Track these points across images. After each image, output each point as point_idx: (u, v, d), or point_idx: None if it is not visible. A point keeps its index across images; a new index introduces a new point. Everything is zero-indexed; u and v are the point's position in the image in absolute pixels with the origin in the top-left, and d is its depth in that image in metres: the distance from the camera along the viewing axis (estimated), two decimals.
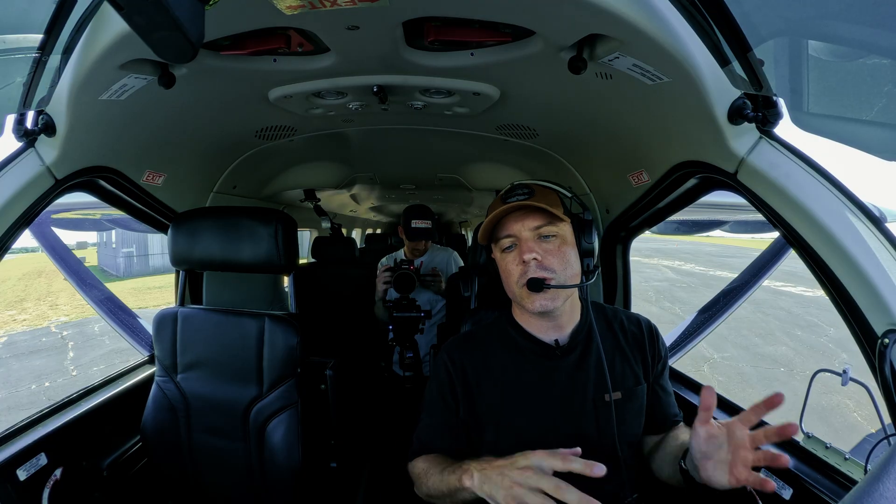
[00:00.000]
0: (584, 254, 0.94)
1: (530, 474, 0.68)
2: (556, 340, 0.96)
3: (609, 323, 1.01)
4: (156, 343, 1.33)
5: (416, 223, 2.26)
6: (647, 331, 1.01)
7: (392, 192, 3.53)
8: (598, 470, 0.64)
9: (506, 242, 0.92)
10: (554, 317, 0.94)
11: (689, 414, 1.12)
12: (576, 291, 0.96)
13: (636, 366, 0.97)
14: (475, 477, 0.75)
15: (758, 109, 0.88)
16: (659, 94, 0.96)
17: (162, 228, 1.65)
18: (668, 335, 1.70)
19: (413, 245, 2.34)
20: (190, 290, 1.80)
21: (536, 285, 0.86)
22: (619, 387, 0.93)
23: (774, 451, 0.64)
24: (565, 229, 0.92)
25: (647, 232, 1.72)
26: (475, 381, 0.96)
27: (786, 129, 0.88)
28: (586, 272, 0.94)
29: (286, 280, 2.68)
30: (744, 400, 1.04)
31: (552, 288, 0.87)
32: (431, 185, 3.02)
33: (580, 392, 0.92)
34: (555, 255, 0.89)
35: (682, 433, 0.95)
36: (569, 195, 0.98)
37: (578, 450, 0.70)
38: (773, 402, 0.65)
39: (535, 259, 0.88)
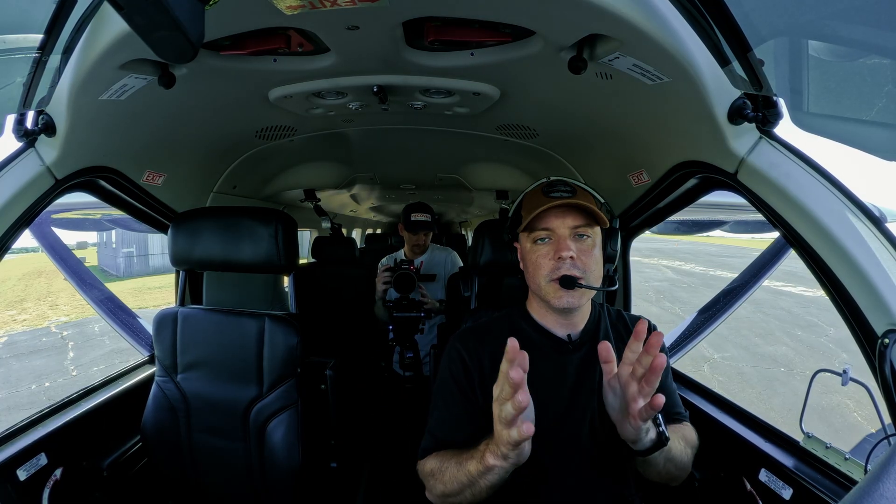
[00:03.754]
0: (607, 259, 0.97)
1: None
2: (569, 335, 0.97)
3: (615, 323, 1.03)
4: (156, 343, 1.33)
5: (415, 216, 2.29)
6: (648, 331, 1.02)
7: (392, 192, 3.52)
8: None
9: (541, 234, 0.93)
10: (572, 314, 0.96)
11: (689, 414, 1.12)
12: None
13: None
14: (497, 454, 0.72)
15: (758, 109, 0.88)
16: (659, 94, 0.96)
17: (162, 228, 1.65)
18: (669, 335, 1.70)
19: (414, 240, 2.35)
20: (190, 290, 1.80)
21: (569, 282, 0.88)
22: None
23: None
24: (597, 232, 0.94)
25: (647, 232, 1.72)
26: (490, 372, 0.95)
27: (786, 129, 0.88)
28: (606, 277, 0.97)
29: (286, 280, 2.68)
30: (744, 400, 1.04)
31: (583, 287, 0.89)
32: (431, 185, 3.02)
33: (588, 387, 0.93)
34: (587, 255, 0.91)
35: (680, 429, 0.95)
36: (602, 200, 1.00)
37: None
38: (639, 332, 0.70)
39: (571, 257, 0.89)
